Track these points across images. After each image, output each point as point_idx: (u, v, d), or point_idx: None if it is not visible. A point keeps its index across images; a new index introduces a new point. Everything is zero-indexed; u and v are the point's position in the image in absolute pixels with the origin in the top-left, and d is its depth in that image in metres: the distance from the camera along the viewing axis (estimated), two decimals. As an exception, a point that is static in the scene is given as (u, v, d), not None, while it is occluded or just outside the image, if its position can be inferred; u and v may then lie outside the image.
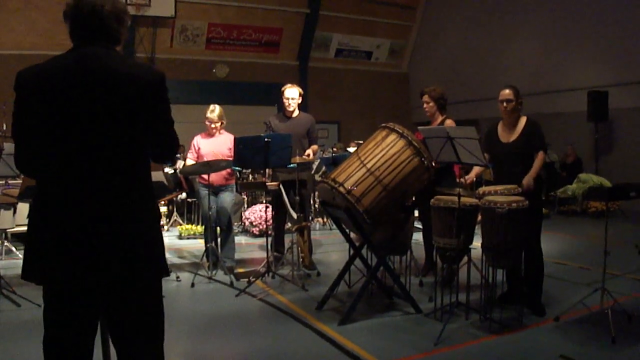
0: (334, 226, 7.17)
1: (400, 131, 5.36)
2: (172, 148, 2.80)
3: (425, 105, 6.85)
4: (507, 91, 5.68)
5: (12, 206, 6.24)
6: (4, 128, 10.40)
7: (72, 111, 2.48)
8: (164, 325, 2.80)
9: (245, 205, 11.26)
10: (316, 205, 11.07)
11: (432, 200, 5.62)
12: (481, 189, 5.59)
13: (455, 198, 5.19)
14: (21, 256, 8.07)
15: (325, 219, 11.48)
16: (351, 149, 10.92)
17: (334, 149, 13.73)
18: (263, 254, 7.67)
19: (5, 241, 8.38)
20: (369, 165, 5.21)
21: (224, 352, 4.89)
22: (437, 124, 6.69)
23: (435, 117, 6.82)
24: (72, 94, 2.48)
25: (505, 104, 5.66)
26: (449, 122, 6.58)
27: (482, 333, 5.04)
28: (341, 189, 5.13)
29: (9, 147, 5.80)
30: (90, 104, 2.49)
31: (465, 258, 5.46)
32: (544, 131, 5.64)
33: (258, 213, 10.31)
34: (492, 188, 5.51)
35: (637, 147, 12.89)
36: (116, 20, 2.68)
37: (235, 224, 10.04)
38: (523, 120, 5.68)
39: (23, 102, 2.52)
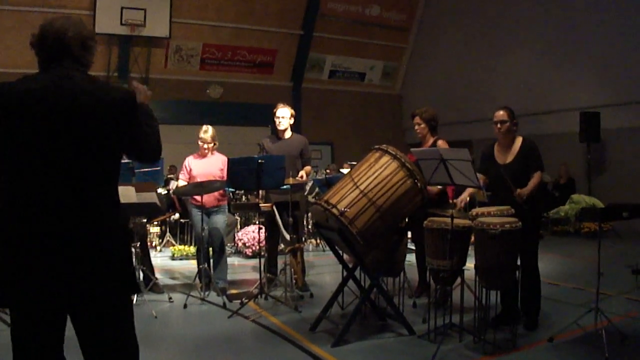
0: (327, 248, 7.16)
1: (394, 153, 5.37)
2: (152, 152, 2.90)
3: (416, 127, 6.85)
4: (501, 112, 5.71)
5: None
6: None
7: (39, 131, 2.52)
8: (136, 342, 2.82)
9: (239, 226, 11.24)
10: (309, 227, 11.06)
11: (425, 221, 5.61)
12: (474, 210, 5.59)
13: (449, 219, 5.19)
14: None
15: (318, 241, 11.46)
16: (344, 170, 10.93)
17: (328, 170, 13.74)
18: (256, 275, 7.65)
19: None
20: (362, 187, 5.21)
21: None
22: (428, 145, 6.69)
23: (427, 139, 6.82)
24: (40, 113, 2.52)
25: (499, 125, 5.68)
26: (441, 143, 6.59)
27: (475, 354, 5.01)
28: (334, 210, 5.13)
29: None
30: (58, 124, 2.54)
31: (459, 279, 5.44)
32: (538, 152, 5.68)
33: (251, 234, 10.28)
34: (485, 209, 5.52)
35: (630, 167, 12.95)
36: (81, 45, 2.76)
37: (228, 245, 10.01)
38: (519, 141, 5.71)
39: None
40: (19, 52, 14.23)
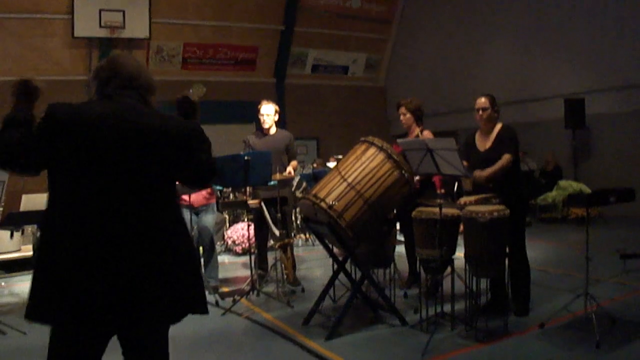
0: (317, 242, 7.17)
1: (379, 145, 5.39)
2: (204, 181, 3.12)
3: (402, 117, 6.85)
4: (482, 99, 5.75)
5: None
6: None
7: (105, 156, 2.55)
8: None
9: (227, 224, 11.23)
10: (298, 222, 11.06)
11: (413, 212, 5.63)
12: (462, 199, 5.62)
13: (437, 209, 5.22)
14: (3, 284, 8.07)
15: (307, 235, 11.46)
16: (331, 164, 10.93)
17: (315, 165, 13.73)
18: (247, 272, 7.64)
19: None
20: (349, 180, 5.23)
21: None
22: (414, 135, 6.70)
23: (412, 129, 6.82)
24: (107, 140, 2.56)
25: (481, 112, 5.72)
26: (427, 134, 6.61)
27: (468, 342, 5.05)
28: (323, 204, 5.14)
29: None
30: (127, 146, 2.59)
31: (449, 269, 5.47)
32: (522, 139, 5.69)
33: (240, 231, 10.27)
34: (473, 198, 5.54)
35: (615, 152, 13.01)
36: (148, 89, 2.87)
37: (218, 243, 10.00)
38: (498, 127, 5.74)
39: (52, 133, 2.53)
40: (-3, 60, 14.15)
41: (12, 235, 6.51)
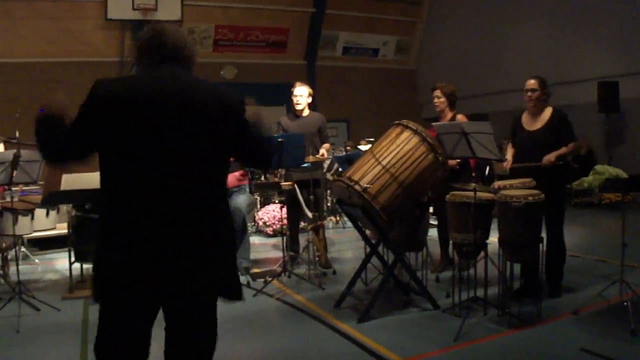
0: (347, 225, 7.16)
1: (414, 128, 5.37)
2: (265, 159, 3.07)
3: (435, 100, 6.82)
4: (532, 81, 5.80)
5: (30, 212, 6.26)
6: (17, 135, 10.44)
7: (158, 128, 2.52)
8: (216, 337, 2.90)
9: (258, 206, 11.28)
10: (328, 204, 11.07)
11: (447, 195, 5.60)
12: (496, 183, 5.59)
13: (471, 193, 5.18)
14: (37, 261, 8.20)
15: (337, 218, 11.47)
16: (362, 147, 10.90)
17: (347, 147, 13.68)
18: (277, 254, 7.69)
19: (22, 247, 8.43)
20: (384, 163, 5.21)
21: (243, 352, 4.89)
22: (447, 119, 6.68)
23: (445, 113, 6.80)
24: (162, 111, 2.52)
25: (530, 94, 5.76)
26: (461, 118, 6.58)
27: (501, 328, 5.03)
28: (357, 187, 5.13)
29: (25, 154, 5.84)
30: (177, 122, 2.54)
31: (482, 253, 5.44)
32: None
33: (272, 213, 10.32)
34: (507, 182, 5.51)
35: (650, 137, 12.80)
36: (192, 62, 2.83)
37: (249, 224, 10.05)
38: (549, 111, 5.76)
39: (99, 112, 2.49)
40: (33, 42, 14.30)
41: (47, 213, 6.60)
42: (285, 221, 7.50)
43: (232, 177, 7.12)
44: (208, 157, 2.63)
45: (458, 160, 6.31)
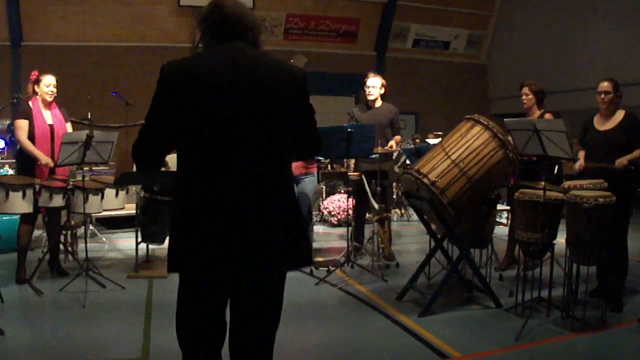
0: (412, 218, 7.15)
1: (485, 123, 5.33)
2: (316, 146, 3.00)
3: (523, 97, 6.75)
4: (605, 83, 5.71)
5: (101, 192, 6.45)
6: (89, 117, 10.76)
7: (228, 107, 2.52)
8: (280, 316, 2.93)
9: (324, 195, 11.36)
10: (394, 197, 11.05)
11: (516, 193, 5.55)
12: (566, 183, 5.50)
13: (540, 192, 5.12)
14: (105, 240, 8.44)
15: (402, 211, 11.44)
16: (430, 140, 10.84)
17: (416, 140, 13.60)
18: (340, 244, 7.73)
19: (91, 225, 8.69)
20: (453, 157, 5.20)
21: (303, 339, 4.95)
22: (535, 117, 6.59)
23: (533, 110, 6.71)
24: (229, 89, 2.52)
25: (603, 96, 5.69)
26: (548, 116, 6.49)
27: (564, 331, 4.97)
28: (425, 180, 5.13)
29: (98, 134, 6.02)
30: (246, 100, 2.54)
31: (548, 253, 5.36)
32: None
33: (337, 203, 10.37)
34: (577, 182, 5.42)
35: None
36: (256, 30, 2.76)
37: (313, 213, 10.12)
38: (621, 114, 5.67)
39: (170, 95, 2.53)
40: (107, 27, 14.65)
41: (117, 193, 6.79)
42: (350, 211, 7.53)
43: (300, 165, 7.16)
44: (277, 131, 2.63)
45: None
